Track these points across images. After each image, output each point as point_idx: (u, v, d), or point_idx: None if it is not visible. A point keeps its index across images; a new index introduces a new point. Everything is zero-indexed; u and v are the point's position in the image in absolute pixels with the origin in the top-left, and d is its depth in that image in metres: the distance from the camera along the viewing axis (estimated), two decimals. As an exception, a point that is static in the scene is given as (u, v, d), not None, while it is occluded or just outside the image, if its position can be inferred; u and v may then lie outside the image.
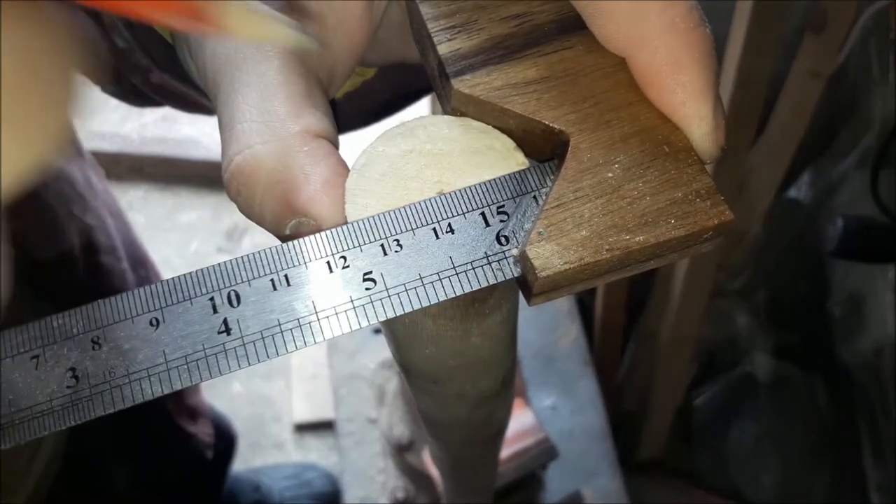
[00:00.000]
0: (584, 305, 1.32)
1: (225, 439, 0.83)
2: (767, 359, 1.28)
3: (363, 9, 0.25)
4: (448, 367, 0.29)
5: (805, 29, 0.98)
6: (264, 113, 0.22)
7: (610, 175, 0.22)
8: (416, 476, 1.10)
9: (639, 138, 0.23)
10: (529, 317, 1.24)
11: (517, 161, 0.23)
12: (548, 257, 0.21)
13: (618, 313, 1.30)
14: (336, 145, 0.23)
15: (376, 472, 1.14)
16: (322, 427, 1.20)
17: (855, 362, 1.18)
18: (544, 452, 1.08)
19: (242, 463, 1.12)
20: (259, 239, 1.60)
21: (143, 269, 0.53)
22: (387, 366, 1.20)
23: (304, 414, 1.21)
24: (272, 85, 0.23)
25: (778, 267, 1.28)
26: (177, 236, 1.61)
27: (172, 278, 0.21)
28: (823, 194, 1.20)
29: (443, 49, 0.24)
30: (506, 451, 1.03)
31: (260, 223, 0.23)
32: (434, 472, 1.04)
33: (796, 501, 1.24)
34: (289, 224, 0.22)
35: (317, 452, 1.19)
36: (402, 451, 1.11)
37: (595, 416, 1.18)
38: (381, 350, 1.21)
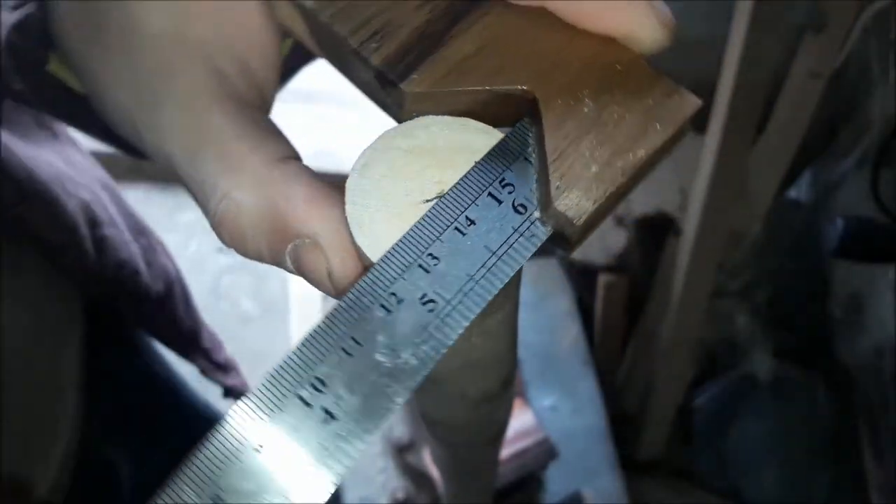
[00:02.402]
0: (584, 305, 1.32)
1: None
2: (767, 359, 1.28)
3: (276, 32, 0.26)
4: (448, 368, 0.29)
5: (805, 29, 0.98)
6: (225, 160, 0.22)
7: (585, 110, 0.23)
8: (416, 476, 1.10)
9: (591, 68, 0.23)
10: (529, 317, 1.24)
11: (496, 138, 0.23)
12: (577, 203, 0.21)
13: (618, 313, 1.30)
14: (297, 157, 0.24)
15: (376, 472, 1.14)
16: (322, 427, 1.21)
17: (855, 362, 1.18)
18: (544, 452, 1.08)
19: (242, 463, 1.12)
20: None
21: (143, 239, 0.53)
22: (387, 366, 1.20)
23: (304, 414, 1.22)
24: (219, 131, 0.23)
25: (778, 267, 1.28)
26: (176, 236, 1.61)
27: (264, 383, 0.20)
28: (823, 195, 1.20)
29: (376, 59, 0.23)
30: (506, 451, 1.03)
31: (261, 260, 0.23)
32: (434, 472, 1.04)
33: (796, 501, 1.24)
34: (287, 251, 0.22)
35: (317, 452, 1.20)
36: (402, 451, 1.11)
37: (595, 417, 1.19)
38: (381, 350, 1.21)
